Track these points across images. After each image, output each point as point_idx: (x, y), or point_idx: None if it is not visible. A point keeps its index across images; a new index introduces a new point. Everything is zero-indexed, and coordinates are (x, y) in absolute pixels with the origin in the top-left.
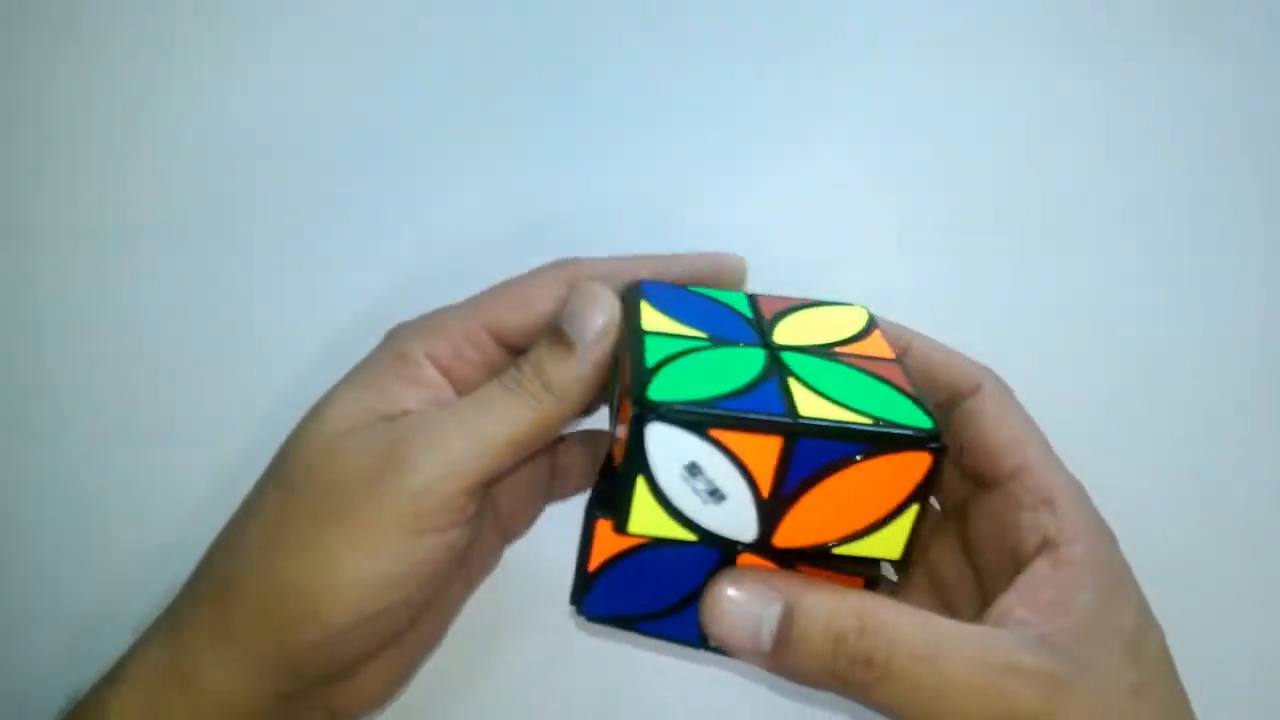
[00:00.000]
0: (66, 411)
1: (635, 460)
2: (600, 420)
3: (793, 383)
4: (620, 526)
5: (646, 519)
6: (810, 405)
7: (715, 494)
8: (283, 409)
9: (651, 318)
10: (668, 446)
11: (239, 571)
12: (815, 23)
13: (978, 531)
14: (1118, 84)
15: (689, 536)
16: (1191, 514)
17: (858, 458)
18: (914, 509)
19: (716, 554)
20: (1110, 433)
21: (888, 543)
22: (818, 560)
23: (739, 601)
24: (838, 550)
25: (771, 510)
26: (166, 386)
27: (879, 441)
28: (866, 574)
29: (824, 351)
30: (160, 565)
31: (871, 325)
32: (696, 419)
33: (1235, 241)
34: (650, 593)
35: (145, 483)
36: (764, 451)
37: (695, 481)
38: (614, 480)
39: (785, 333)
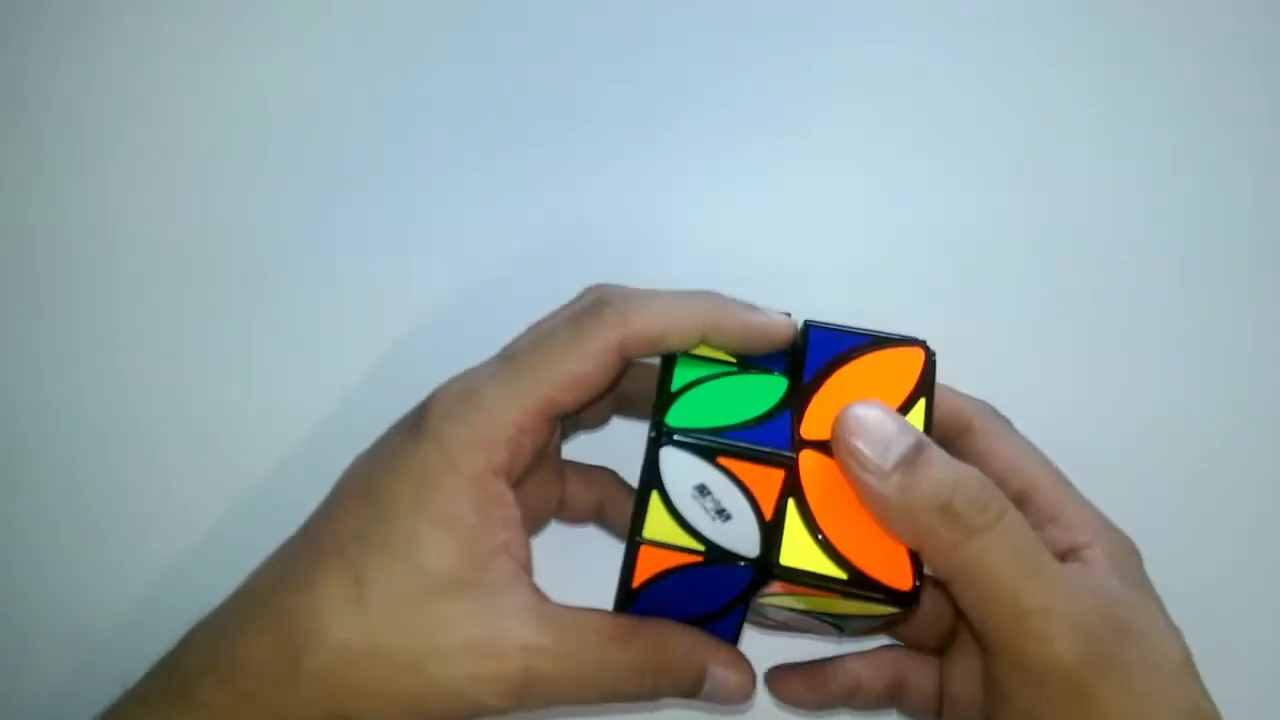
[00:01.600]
0: (69, 419)
1: (650, 477)
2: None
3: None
4: (636, 533)
5: (660, 528)
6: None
7: (722, 513)
8: (295, 416)
9: None
10: (679, 468)
11: None
12: (826, 34)
13: None
14: (1122, 88)
15: (697, 547)
16: (1197, 517)
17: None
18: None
19: (747, 577)
20: (1114, 439)
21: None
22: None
23: (880, 417)
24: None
25: (774, 532)
26: (182, 398)
27: None
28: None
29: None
30: (168, 582)
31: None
32: (706, 446)
33: (1240, 247)
34: (688, 606)
35: (152, 497)
36: (767, 480)
37: (704, 501)
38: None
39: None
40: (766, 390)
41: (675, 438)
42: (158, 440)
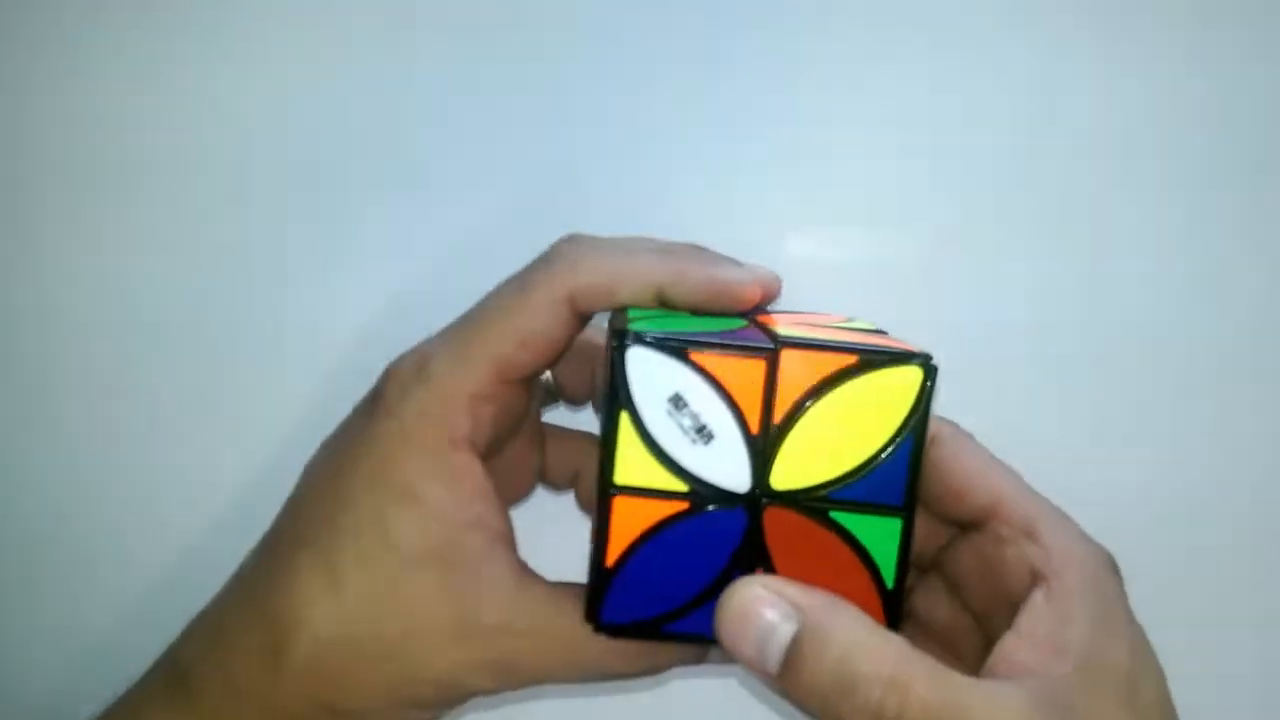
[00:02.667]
0: (71, 417)
1: (619, 394)
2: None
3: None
4: (607, 476)
5: (634, 466)
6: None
7: (703, 431)
8: (295, 414)
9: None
10: (650, 375)
11: None
12: (819, 18)
13: (964, 574)
14: (1121, 79)
15: (679, 487)
16: (1185, 521)
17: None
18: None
19: (740, 526)
20: (1103, 438)
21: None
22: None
23: (754, 608)
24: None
25: (762, 449)
26: (177, 395)
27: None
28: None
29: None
30: (168, 579)
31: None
32: (677, 342)
33: (1235, 241)
34: (672, 585)
35: (152, 494)
36: (748, 376)
37: (681, 416)
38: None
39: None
40: (727, 322)
41: (643, 337)
42: (157, 438)
